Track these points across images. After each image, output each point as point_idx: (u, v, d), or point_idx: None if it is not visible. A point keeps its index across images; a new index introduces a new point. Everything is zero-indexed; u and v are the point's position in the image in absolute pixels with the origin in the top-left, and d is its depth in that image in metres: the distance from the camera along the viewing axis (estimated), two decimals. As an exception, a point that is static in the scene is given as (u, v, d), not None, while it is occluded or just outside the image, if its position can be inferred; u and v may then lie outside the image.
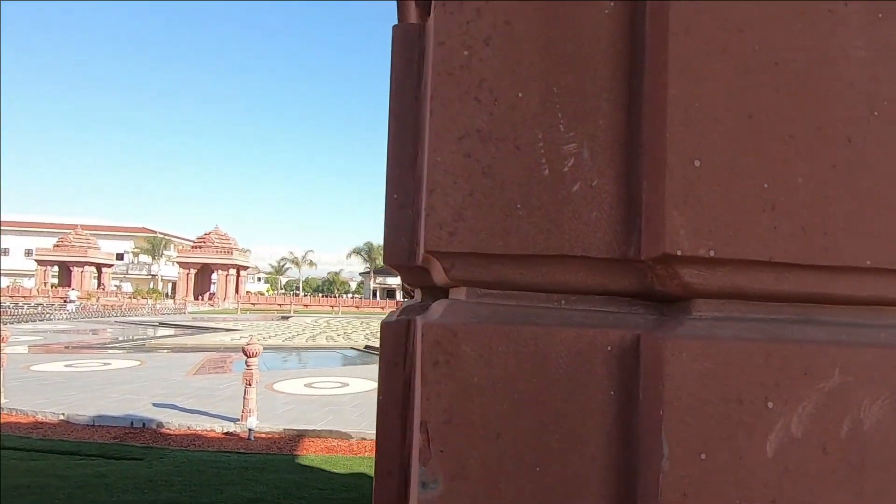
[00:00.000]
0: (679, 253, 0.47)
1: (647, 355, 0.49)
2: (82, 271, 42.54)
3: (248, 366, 8.37)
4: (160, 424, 7.94)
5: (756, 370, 0.46)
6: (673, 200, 0.47)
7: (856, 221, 0.48)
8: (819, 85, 0.48)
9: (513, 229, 0.50)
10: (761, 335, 0.48)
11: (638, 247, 0.51)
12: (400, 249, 0.71)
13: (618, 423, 0.49)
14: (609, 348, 0.50)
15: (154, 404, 8.80)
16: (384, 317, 0.93)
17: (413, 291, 0.84)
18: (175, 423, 7.98)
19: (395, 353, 0.69)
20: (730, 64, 0.48)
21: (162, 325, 25.57)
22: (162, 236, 55.89)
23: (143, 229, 56.86)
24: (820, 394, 0.47)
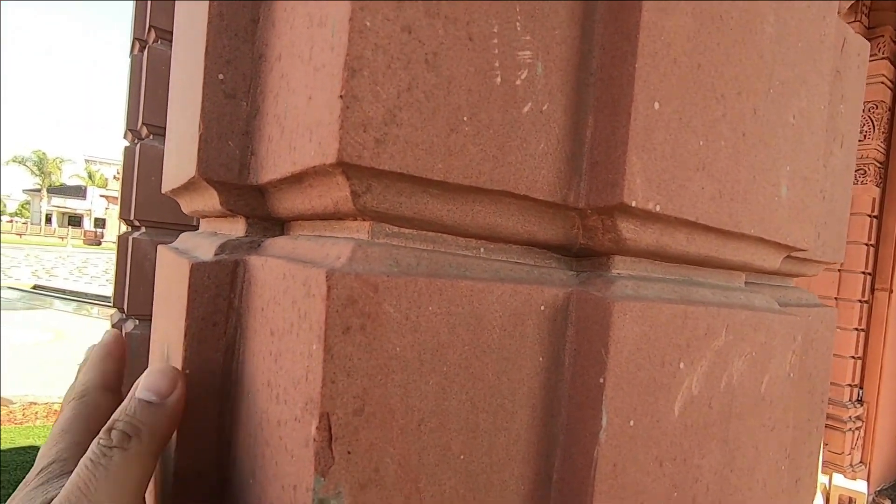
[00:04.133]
0: (634, 204, 0.41)
1: (582, 317, 0.43)
2: None
3: None
4: None
5: (677, 331, 0.45)
6: (634, 144, 0.41)
7: (748, 191, 0.50)
8: (743, 49, 0.48)
9: (457, 149, 0.37)
10: (676, 296, 0.47)
11: (578, 192, 0.44)
12: (226, 158, 0.49)
13: (543, 394, 0.43)
14: (543, 308, 0.42)
15: None
16: (172, 256, 0.67)
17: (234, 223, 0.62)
18: None
19: (214, 308, 0.49)
20: (691, 1, 0.44)
21: None
22: None
23: None
24: (712, 352, 0.48)
